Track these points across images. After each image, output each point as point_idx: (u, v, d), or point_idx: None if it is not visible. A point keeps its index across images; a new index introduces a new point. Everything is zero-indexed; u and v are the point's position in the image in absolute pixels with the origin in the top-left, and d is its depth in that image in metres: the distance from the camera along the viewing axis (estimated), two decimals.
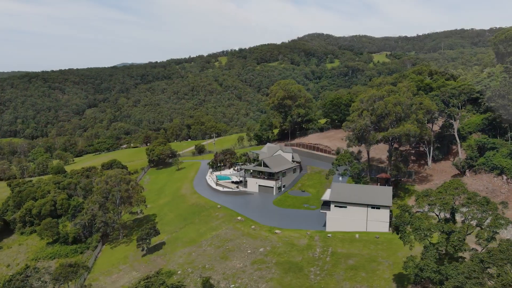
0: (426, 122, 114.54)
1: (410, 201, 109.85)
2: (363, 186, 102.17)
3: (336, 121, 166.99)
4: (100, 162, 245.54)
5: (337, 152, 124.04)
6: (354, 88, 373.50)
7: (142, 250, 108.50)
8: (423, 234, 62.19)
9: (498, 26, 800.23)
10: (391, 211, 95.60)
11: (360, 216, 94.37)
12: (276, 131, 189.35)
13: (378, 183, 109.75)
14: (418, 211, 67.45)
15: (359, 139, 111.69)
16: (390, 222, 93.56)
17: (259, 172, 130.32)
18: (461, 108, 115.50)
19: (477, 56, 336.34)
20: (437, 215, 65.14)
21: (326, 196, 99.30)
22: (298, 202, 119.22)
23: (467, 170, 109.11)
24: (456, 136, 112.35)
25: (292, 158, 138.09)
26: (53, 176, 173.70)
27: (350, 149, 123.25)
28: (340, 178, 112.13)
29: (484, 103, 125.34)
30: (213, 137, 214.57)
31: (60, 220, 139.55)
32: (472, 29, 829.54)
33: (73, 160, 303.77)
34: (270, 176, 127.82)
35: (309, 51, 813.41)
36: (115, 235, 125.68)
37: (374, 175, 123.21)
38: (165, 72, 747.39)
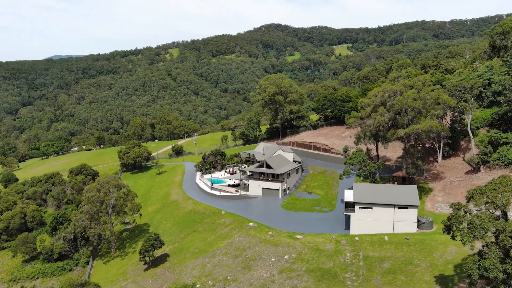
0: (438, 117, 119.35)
1: (427, 200, 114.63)
2: (387, 185, 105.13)
3: (330, 117, 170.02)
4: (52, 167, 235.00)
5: (345, 151, 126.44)
6: (325, 83, 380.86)
7: (145, 263, 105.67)
8: (481, 233, 65.29)
9: (458, 18, 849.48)
10: None
11: (386, 217, 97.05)
12: (264, 129, 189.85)
13: (395, 182, 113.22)
14: (471, 210, 70.61)
15: (375, 137, 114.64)
16: (417, 222, 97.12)
17: (261, 174, 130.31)
18: (473, 103, 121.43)
19: (449, 49, 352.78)
20: (492, 213, 68.59)
21: (349, 197, 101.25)
22: (308, 204, 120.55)
23: (482, 166, 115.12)
24: (469, 131, 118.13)
25: (293, 158, 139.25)
26: (15, 185, 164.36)
27: (359, 147, 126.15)
28: (361, 178, 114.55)
29: (488, 97, 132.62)
30: (194, 136, 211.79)
31: (34, 233, 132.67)
32: (433, 20, 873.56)
33: (18, 166, 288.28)
34: (274, 178, 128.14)
35: (267, 43, 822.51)
36: (105, 248, 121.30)
37: (383, 174, 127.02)
38: (110, 65, 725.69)
